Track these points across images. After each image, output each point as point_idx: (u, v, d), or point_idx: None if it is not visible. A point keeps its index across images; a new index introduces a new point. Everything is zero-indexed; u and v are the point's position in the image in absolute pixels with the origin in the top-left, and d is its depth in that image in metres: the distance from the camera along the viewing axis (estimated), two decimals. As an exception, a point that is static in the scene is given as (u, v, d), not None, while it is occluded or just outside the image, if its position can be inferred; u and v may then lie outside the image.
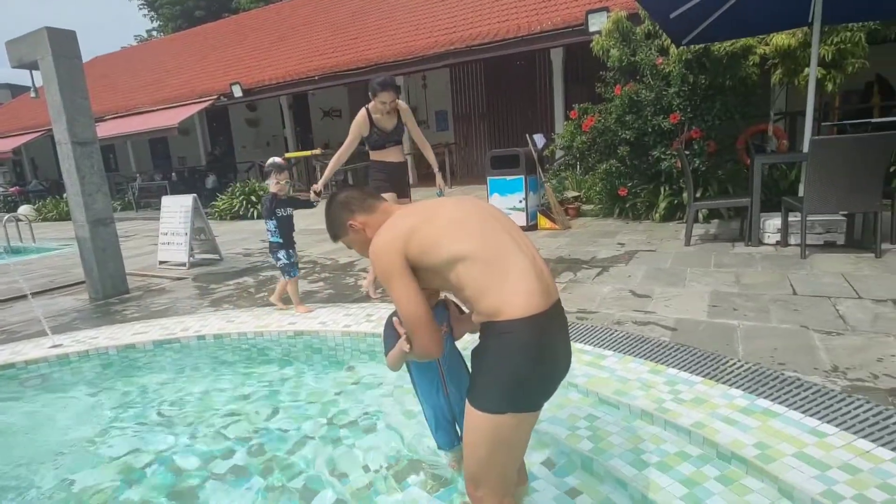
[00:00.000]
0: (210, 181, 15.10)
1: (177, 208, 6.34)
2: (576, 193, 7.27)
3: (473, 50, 10.01)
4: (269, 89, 13.22)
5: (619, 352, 2.69)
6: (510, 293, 1.31)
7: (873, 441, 1.78)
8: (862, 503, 1.52)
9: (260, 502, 2.01)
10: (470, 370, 1.43)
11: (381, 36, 13.41)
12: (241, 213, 10.67)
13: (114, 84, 20.03)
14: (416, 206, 1.55)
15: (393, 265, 1.39)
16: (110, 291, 5.09)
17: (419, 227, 1.42)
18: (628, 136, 6.15)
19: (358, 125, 3.92)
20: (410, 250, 1.40)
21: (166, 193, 10.34)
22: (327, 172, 4.08)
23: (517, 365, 1.30)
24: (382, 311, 3.55)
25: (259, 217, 10.38)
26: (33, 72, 5.51)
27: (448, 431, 1.86)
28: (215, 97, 13.83)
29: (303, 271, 5.42)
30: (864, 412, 1.95)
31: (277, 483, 2.11)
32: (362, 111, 3.92)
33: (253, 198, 10.66)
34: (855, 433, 1.84)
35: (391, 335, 1.68)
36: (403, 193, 4.12)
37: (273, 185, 3.77)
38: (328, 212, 1.65)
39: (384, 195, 3.18)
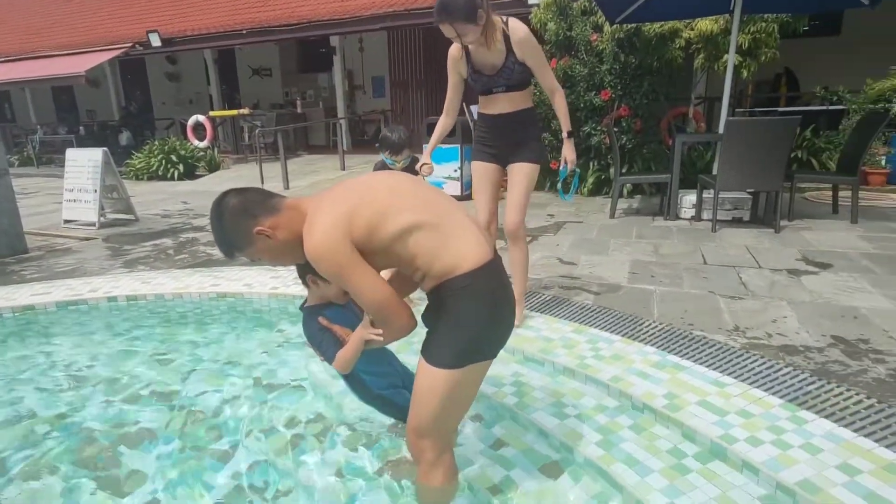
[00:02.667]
0: (124, 138, 13.89)
1: (84, 162, 5.79)
2: (510, 166, 7.36)
3: (412, 14, 9.75)
4: (192, 41, 12.25)
5: (546, 313, 2.79)
6: (463, 248, 1.33)
7: (765, 390, 1.97)
8: (753, 444, 1.68)
9: (174, 465, 1.92)
10: (426, 333, 1.42)
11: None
12: (159, 172, 9.93)
13: (3, 22, 17.77)
14: (344, 186, 1.40)
15: (343, 256, 1.27)
16: (5, 251, 4.61)
17: (358, 207, 1.31)
18: (562, 111, 6.26)
19: (451, 62, 2.55)
20: (356, 232, 1.29)
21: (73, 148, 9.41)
22: (434, 137, 2.75)
23: (479, 315, 1.33)
24: (312, 273, 3.46)
25: (181, 178, 9.74)
26: None
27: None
28: (129, 45, 12.63)
29: (228, 234, 5.17)
30: (759, 366, 2.15)
31: (194, 445, 2.03)
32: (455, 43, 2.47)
33: (173, 157, 9.95)
34: (750, 384, 2.02)
35: (324, 338, 1.55)
36: (512, 159, 2.62)
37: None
38: (219, 223, 1.36)
39: (476, 169, 2.65)
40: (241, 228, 1.34)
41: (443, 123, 2.70)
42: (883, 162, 6.17)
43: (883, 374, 2.06)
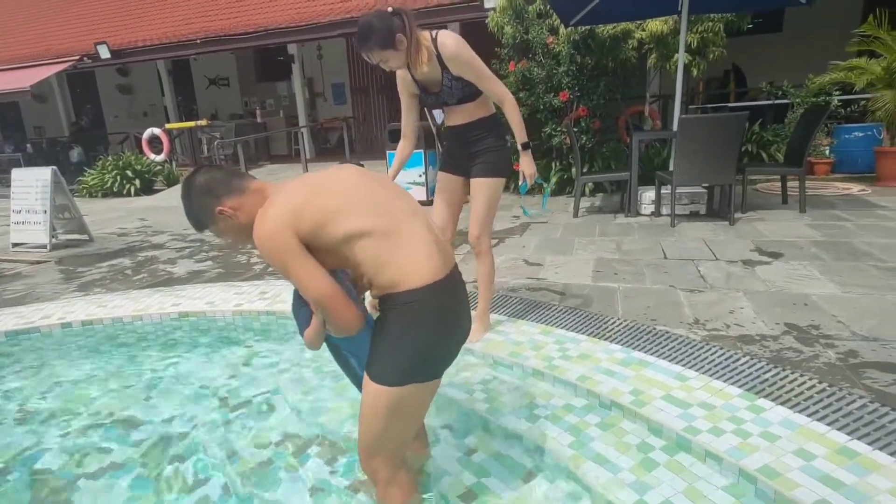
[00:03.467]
0: (75, 154, 13.35)
1: (32, 182, 5.54)
2: (474, 169, 7.41)
3: (370, 20, 9.71)
4: (143, 52, 11.90)
5: (513, 316, 2.82)
6: (410, 263, 1.28)
7: (725, 381, 2.04)
8: (715, 434, 1.73)
9: (138, 496, 1.86)
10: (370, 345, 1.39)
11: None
12: (115, 189, 9.60)
13: (-59, 37, 16.88)
14: (302, 179, 1.42)
15: (286, 246, 1.26)
16: (-52, 279, 4.37)
17: (310, 200, 1.30)
18: (522, 113, 6.34)
19: (400, 83, 2.46)
20: (302, 228, 1.27)
21: (20, 167, 9.00)
22: (395, 166, 2.56)
23: (421, 334, 1.28)
24: (277, 287, 3.40)
25: (137, 193, 9.44)
26: None
27: None
28: (77, 58, 12.18)
29: (189, 250, 5.04)
30: (718, 357, 2.22)
31: (159, 473, 1.96)
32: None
33: (129, 172, 9.63)
34: (711, 375, 2.09)
35: (302, 311, 1.53)
36: (473, 172, 2.54)
37: None
38: (186, 199, 1.41)
39: (438, 179, 2.60)
40: (205, 207, 1.38)
41: (402, 149, 2.59)
42: (827, 152, 6.48)
43: (833, 358, 2.16)
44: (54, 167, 5.56)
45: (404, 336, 1.29)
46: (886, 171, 5.56)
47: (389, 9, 2.13)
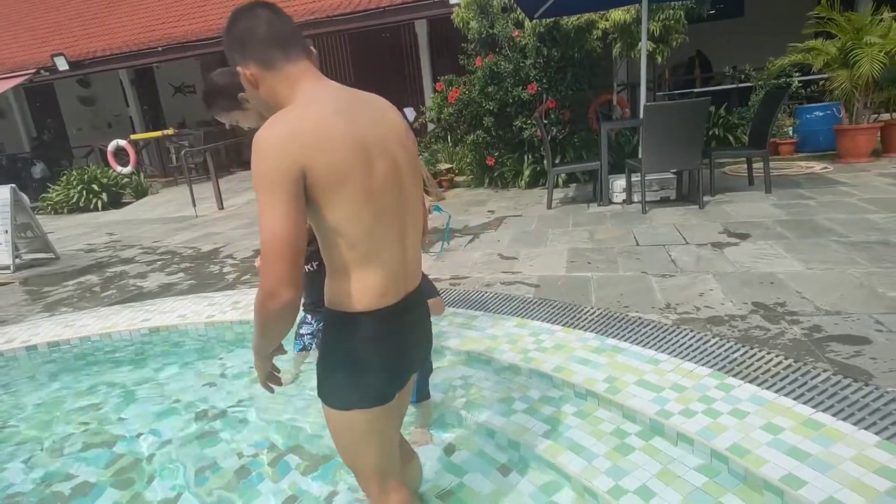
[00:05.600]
0: (38, 170, 12.97)
1: (-10, 202, 5.36)
2: (448, 165, 7.42)
3: (335, 20, 9.62)
4: (103, 61, 11.60)
5: (489, 311, 2.82)
6: (361, 287, 1.12)
7: (696, 362, 2.07)
8: (687, 416, 1.76)
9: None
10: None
11: (234, 2, 12.34)
12: (81, 204, 9.35)
13: None
14: (350, 102, 1.12)
15: (281, 173, 0.99)
16: None
17: (330, 146, 1.02)
18: (492, 107, 6.37)
19: None
20: (316, 172, 1.01)
21: (-22, 186, 8.71)
22: None
23: (358, 360, 1.15)
24: (249, 297, 3.35)
25: (105, 207, 9.21)
26: None
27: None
28: (33, 71, 11.81)
29: (160, 263, 4.94)
30: (689, 339, 2.26)
31: (134, 494, 1.92)
32: None
33: (95, 186, 9.39)
34: (682, 358, 2.12)
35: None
36: None
37: None
38: (225, 31, 1.18)
39: None
40: (232, 54, 1.17)
41: None
42: (791, 132, 6.64)
43: (798, 334, 2.21)
44: (13, 185, 5.38)
45: (339, 359, 1.17)
46: (846, 148, 5.71)
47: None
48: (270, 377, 1.28)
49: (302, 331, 2.49)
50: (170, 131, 11.41)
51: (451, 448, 1.94)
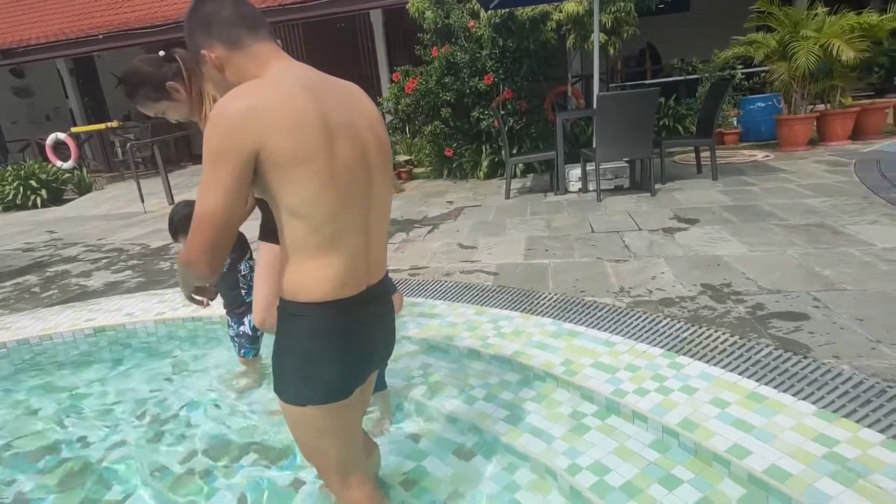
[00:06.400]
0: (-32, 167, 12.14)
1: (-87, 200, 4.98)
2: (407, 157, 7.37)
3: (287, 9, 9.38)
4: (38, 50, 10.92)
5: (448, 300, 2.83)
6: (320, 276, 1.07)
7: (649, 343, 2.14)
8: (640, 394, 1.82)
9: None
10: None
11: (180, -11, 11.82)
12: (17, 201, 8.80)
13: None
14: (319, 85, 1.09)
15: (230, 151, 0.97)
16: None
17: (295, 126, 0.99)
18: (449, 98, 6.36)
19: None
20: (273, 150, 0.97)
21: None
22: None
23: (313, 354, 1.11)
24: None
25: (45, 205, 8.70)
26: None
27: None
28: (-42, 60, 11.01)
29: (105, 261, 4.71)
30: (642, 321, 2.33)
31: (83, 498, 1.83)
32: None
33: (33, 182, 8.84)
34: (635, 339, 2.19)
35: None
36: None
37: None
38: (186, 14, 1.14)
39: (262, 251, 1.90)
40: (192, 40, 1.14)
41: None
42: (735, 122, 6.91)
43: (743, 312, 2.32)
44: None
45: (292, 353, 1.13)
46: (786, 137, 6.00)
47: (161, 52, 1.77)
48: (196, 292, 1.34)
49: (231, 333, 2.37)
50: (114, 124, 10.85)
51: (413, 435, 1.94)
